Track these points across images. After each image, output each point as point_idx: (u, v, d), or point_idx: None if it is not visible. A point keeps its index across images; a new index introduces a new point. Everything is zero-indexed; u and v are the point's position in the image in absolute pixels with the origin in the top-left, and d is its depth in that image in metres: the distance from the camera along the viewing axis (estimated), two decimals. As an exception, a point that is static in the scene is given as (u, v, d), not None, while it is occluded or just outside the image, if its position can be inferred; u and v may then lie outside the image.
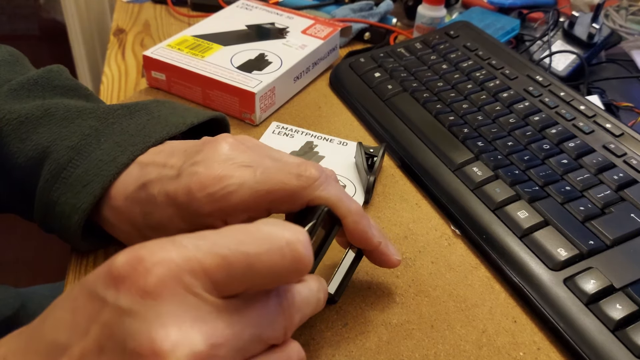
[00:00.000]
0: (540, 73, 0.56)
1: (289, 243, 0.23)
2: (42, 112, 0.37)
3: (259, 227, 0.23)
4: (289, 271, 0.23)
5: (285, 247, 0.23)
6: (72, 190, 0.34)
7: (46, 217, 0.36)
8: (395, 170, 0.49)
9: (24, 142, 0.36)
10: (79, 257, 0.39)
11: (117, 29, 0.72)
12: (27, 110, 0.37)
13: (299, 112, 0.56)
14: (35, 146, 0.36)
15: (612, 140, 0.47)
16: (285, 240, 0.23)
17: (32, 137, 0.36)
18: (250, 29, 0.63)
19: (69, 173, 0.35)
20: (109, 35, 0.71)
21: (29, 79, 0.40)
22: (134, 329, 0.20)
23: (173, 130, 0.36)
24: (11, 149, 0.37)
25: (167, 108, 0.39)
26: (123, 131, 0.36)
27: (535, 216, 0.40)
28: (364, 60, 0.61)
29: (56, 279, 0.66)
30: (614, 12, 0.78)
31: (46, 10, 2.23)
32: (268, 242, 0.23)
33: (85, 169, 0.34)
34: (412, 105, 0.53)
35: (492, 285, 0.39)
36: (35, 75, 0.40)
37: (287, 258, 0.23)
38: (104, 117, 0.37)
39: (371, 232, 0.33)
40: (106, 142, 0.36)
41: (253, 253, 0.22)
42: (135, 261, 0.21)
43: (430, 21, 0.68)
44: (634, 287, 0.35)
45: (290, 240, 0.23)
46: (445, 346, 0.34)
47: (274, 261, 0.23)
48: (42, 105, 0.38)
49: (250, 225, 0.23)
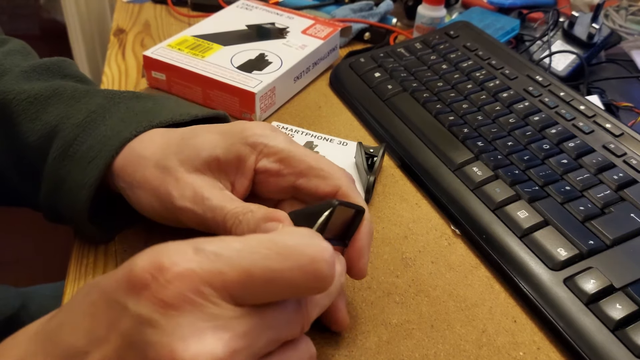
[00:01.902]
0: (540, 73, 0.56)
1: (313, 261, 0.22)
2: (51, 92, 0.38)
3: (285, 239, 0.23)
4: (309, 289, 0.23)
5: (308, 266, 0.22)
6: (79, 166, 0.35)
7: (55, 197, 0.36)
8: (395, 170, 0.49)
9: (34, 122, 0.37)
10: (79, 256, 0.39)
11: (118, 29, 0.72)
12: (37, 90, 0.38)
13: (299, 112, 0.56)
14: (44, 125, 0.37)
15: (612, 140, 0.47)
16: (310, 258, 0.22)
17: (41, 116, 0.37)
18: (250, 29, 0.63)
19: (75, 150, 0.35)
20: (109, 35, 0.71)
21: (42, 64, 0.41)
22: (155, 340, 0.20)
23: (177, 118, 0.37)
24: (22, 129, 0.37)
25: (172, 101, 0.40)
26: (129, 110, 0.37)
27: (535, 216, 0.40)
28: (364, 60, 0.61)
29: (56, 279, 0.66)
30: (614, 12, 0.78)
31: (46, 10, 2.23)
32: (292, 259, 0.22)
33: (90, 145, 0.35)
34: (412, 105, 0.53)
35: (492, 285, 0.39)
36: (48, 61, 0.41)
37: (310, 277, 0.22)
38: (110, 97, 0.38)
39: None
40: (111, 119, 0.36)
41: (276, 269, 0.22)
42: (156, 269, 0.21)
43: (430, 21, 0.68)
44: (634, 287, 0.35)
45: (315, 258, 0.22)
46: (445, 346, 0.34)
47: (295, 278, 0.22)
48: (51, 86, 0.38)
49: (276, 236, 0.23)
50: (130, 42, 0.68)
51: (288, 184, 0.33)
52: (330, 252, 0.23)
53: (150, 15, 0.76)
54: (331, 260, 0.23)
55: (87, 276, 0.37)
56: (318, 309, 0.26)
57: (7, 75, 0.40)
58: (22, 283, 0.66)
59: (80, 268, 0.38)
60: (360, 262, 0.32)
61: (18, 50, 0.43)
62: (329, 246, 0.23)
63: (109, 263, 0.38)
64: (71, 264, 0.38)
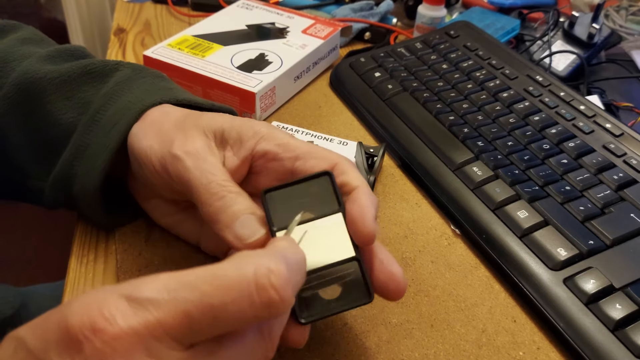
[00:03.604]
0: (540, 73, 0.56)
1: (258, 288, 0.21)
2: (82, 69, 0.39)
3: (227, 269, 0.21)
4: (260, 317, 0.21)
5: (254, 294, 0.21)
6: (103, 131, 0.36)
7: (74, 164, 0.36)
8: (395, 170, 0.49)
9: (70, 99, 0.38)
10: (79, 256, 0.39)
11: (118, 28, 0.72)
12: (67, 69, 0.39)
13: (299, 112, 0.57)
14: (79, 101, 0.38)
15: (612, 140, 0.47)
16: (255, 284, 0.21)
17: (77, 94, 0.38)
18: (250, 29, 0.63)
19: (100, 117, 0.36)
20: (109, 35, 0.71)
21: (66, 48, 0.42)
22: None
23: (198, 100, 0.39)
24: (56, 106, 0.38)
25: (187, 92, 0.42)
26: (153, 84, 0.39)
27: (535, 216, 0.40)
28: (364, 60, 0.61)
29: (56, 279, 0.66)
30: (614, 12, 0.78)
31: (47, 9, 2.23)
32: (235, 289, 0.21)
33: (114, 112, 0.36)
34: (412, 105, 0.53)
35: (491, 284, 0.39)
36: (72, 47, 0.43)
37: (257, 304, 0.21)
38: (138, 70, 0.40)
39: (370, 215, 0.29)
40: (137, 89, 0.38)
41: (218, 304, 0.20)
42: (89, 330, 0.19)
43: (431, 21, 0.68)
44: (634, 287, 0.35)
45: (261, 284, 0.21)
46: (445, 345, 0.34)
47: (241, 309, 0.21)
48: (81, 64, 0.39)
49: (217, 268, 0.21)
50: (131, 42, 0.68)
51: (285, 170, 0.33)
52: (282, 272, 0.21)
53: (151, 15, 0.76)
54: (282, 282, 0.21)
55: (87, 275, 0.37)
56: (281, 326, 0.25)
57: (29, 59, 0.40)
58: (22, 282, 0.65)
59: (80, 267, 0.38)
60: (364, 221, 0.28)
61: (31, 39, 0.44)
62: (279, 265, 0.21)
63: (108, 262, 0.38)
64: (71, 264, 0.38)
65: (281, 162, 0.32)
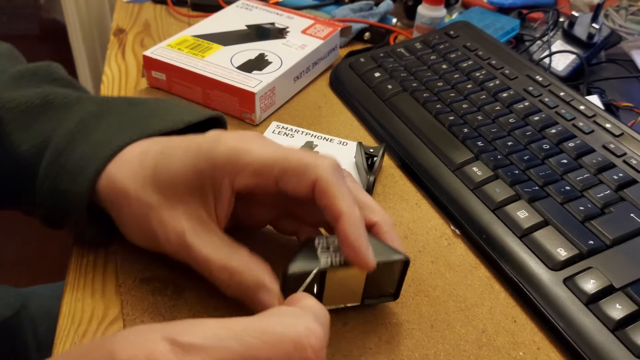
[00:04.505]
0: (540, 73, 0.56)
1: (297, 348, 0.22)
2: (42, 100, 0.37)
3: (273, 325, 0.22)
4: None
5: (293, 352, 0.21)
6: (71, 174, 0.34)
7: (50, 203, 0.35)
8: (395, 170, 0.49)
9: (27, 132, 0.36)
10: (79, 257, 0.39)
11: (117, 28, 0.72)
12: (27, 98, 0.37)
13: (299, 112, 0.56)
14: (37, 134, 0.36)
15: (611, 140, 0.47)
16: (294, 343, 0.22)
17: (34, 126, 0.36)
18: (250, 29, 0.63)
19: (65, 159, 0.35)
20: (109, 35, 0.71)
21: (29, 69, 0.40)
22: None
23: (171, 126, 0.36)
24: (12, 138, 0.37)
25: (165, 105, 0.39)
26: (121, 114, 0.37)
27: (535, 216, 0.40)
28: (364, 60, 0.61)
29: (56, 279, 0.66)
30: (614, 12, 0.78)
31: (46, 10, 2.23)
32: (280, 347, 0.21)
33: (81, 154, 0.34)
34: (412, 105, 0.53)
35: (491, 285, 0.39)
36: (35, 66, 0.41)
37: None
38: (102, 103, 0.38)
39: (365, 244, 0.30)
40: (102, 126, 0.36)
41: (262, 358, 0.21)
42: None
43: (430, 21, 0.68)
44: (634, 287, 0.35)
45: (300, 344, 0.22)
46: (445, 346, 0.34)
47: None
48: (41, 93, 0.38)
49: (262, 322, 0.22)
50: (130, 42, 0.68)
51: (274, 193, 0.32)
52: (319, 334, 0.22)
53: (150, 15, 0.76)
54: (318, 344, 0.22)
55: (87, 276, 0.37)
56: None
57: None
58: (22, 283, 0.66)
59: (80, 268, 0.38)
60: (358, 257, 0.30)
61: (5, 54, 0.43)
62: (317, 328, 0.23)
63: (109, 263, 0.38)
64: (71, 264, 0.38)
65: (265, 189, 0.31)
